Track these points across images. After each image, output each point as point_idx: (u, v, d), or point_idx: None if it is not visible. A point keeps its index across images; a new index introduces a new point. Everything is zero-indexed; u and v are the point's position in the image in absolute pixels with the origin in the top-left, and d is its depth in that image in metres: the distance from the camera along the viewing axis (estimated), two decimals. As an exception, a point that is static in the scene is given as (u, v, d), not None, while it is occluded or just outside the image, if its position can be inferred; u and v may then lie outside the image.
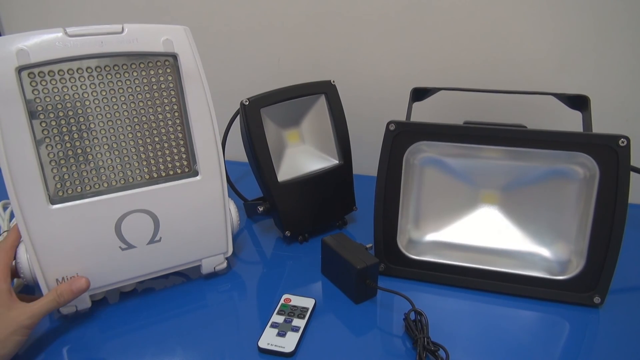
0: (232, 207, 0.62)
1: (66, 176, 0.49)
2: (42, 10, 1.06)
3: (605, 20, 0.75)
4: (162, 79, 0.52)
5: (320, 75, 0.72)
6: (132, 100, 0.51)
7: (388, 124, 0.58)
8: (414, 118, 0.62)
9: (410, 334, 0.50)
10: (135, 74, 0.51)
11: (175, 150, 0.55)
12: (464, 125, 0.56)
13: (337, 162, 0.72)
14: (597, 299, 0.54)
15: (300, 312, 0.54)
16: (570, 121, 0.66)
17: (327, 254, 0.61)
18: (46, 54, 0.45)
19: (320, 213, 0.71)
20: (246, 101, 0.63)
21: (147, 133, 0.53)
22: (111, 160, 0.51)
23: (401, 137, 0.58)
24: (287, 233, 0.69)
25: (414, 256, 0.60)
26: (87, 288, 0.51)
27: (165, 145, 0.54)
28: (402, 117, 0.61)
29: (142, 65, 0.51)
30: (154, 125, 0.53)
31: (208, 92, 0.54)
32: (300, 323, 0.52)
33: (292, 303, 0.55)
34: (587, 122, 0.58)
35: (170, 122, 0.54)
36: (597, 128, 0.57)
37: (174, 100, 0.53)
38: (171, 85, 0.53)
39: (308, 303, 0.55)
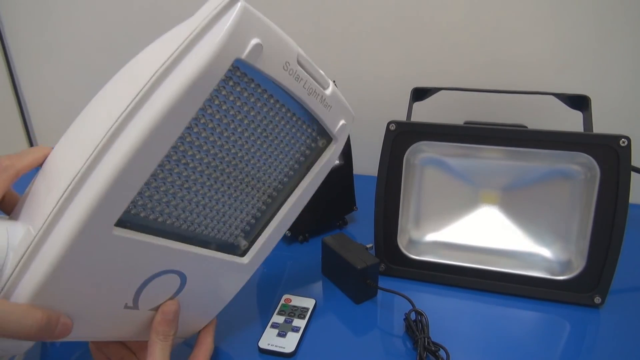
0: None
1: (147, 192, 0.35)
2: (43, 10, 1.06)
3: (606, 20, 0.75)
4: (301, 148, 0.44)
5: (321, 75, 0.72)
6: (262, 147, 0.41)
7: (388, 123, 0.58)
8: (415, 118, 0.62)
9: (411, 334, 0.50)
10: (290, 128, 0.42)
11: (246, 219, 0.44)
12: (465, 125, 0.56)
13: (338, 162, 0.72)
14: (597, 299, 0.54)
15: (300, 312, 0.54)
16: (570, 121, 0.66)
17: (327, 254, 0.61)
18: (270, 66, 0.36)
19: (321, 213, 0.71)
20: (246, 101, 0.63)
21: (243, 186, 0.42)
22: (196, 195, 0.38)
23: (401, 137, 0.58)
24: (287, 233, 0.69)
25: (414, 256, 0.60)
26: (63, 338, 0.35)
27: (244, 207, 0.43)
28: (402, 117, 0.61)
29: (303, 126, 0.43)
30: (255, 183, 0.43)
31: (319, 184, 0.47)
32: (300, 323, 0.52)
33: (292, 303, 0.55)
34: (587, 122, 0.58)
35: (268, 190, 0.44)
36: (598, 128, 0.57)
37: (290, 173, 0.45)
38: (301, 159, 0.45)
39: (308, 303, 0.55)
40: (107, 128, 0.30)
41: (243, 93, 0.36)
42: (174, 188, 0.36)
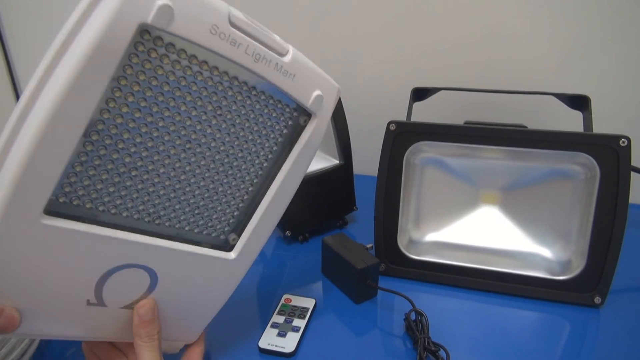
0: None
1: (86, 181, 0.32)
2: (43, 10, 1.06)
3: (606, 20, 0.75)
4: (276, 127, 0.40)
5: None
6: (225, 129, 0.37)
7: (388, 123, 0.58)
8: (415, 118, 0.62)
9: (411, 334, 0.50)
10: (254, 104, 0.38)
11: (228, 210, 0.41)
12: (465, 125, 0.56)
13: (338, 162, 0.72)
14: (597, 299, 0.54)
15: (300, 312, 0.54)
16: (570, 121, 0.66)
17: (327, 254, 0.61)
18: (191, 31, 0.31)
19: (321, 213, 0.71)
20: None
21: (212, 172, 0.39)
22: (153, 185, 0.35)
23: (402, 137, 0.58)
24: (288, 233, 0.69)
25: (414, 256, 0.60)
26: (11, 332, 0.34)
27: (223, 198, 0.40)
28: (402, 117, 0.61)
29: (270, 102, 0.39)
30: (229, 170, 0.39)
31: (307, 168, 0.44)
32: (300, 323, 0.52)
33: (292, 303, 0.55)
34: (587, 122, 0.58)
35: (247, 177, 0.41)
36: (598, 128, 0.57)
37: (269, 156, 0.41)
38: (279, 139, 0.41)
39: (308, 303, 0.55)
40: (12, 124, 0.29)
41: (175, 66, 0.32)
42: (121, 177, 0.34)
